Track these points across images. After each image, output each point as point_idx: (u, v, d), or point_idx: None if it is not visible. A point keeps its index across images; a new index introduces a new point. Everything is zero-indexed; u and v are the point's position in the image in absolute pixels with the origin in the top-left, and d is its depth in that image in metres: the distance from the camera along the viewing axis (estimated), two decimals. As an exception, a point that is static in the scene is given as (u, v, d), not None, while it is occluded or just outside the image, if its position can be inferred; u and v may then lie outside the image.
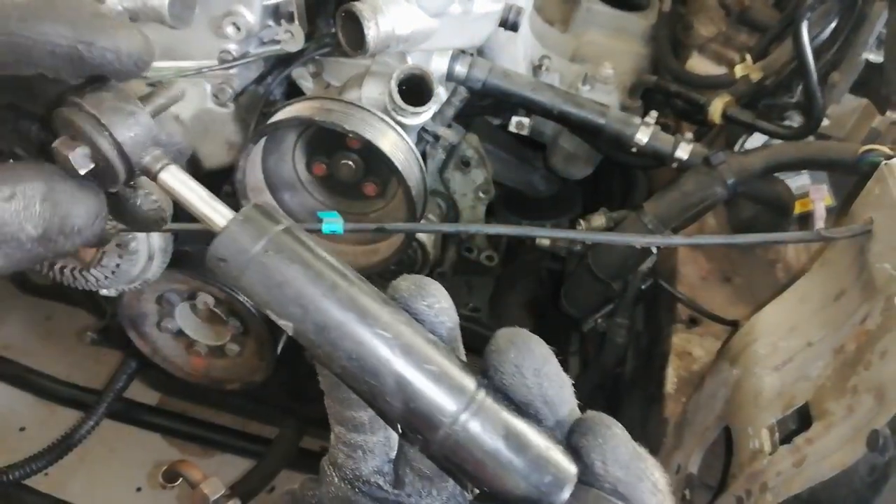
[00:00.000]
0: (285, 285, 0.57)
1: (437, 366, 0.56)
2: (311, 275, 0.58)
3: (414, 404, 0.55)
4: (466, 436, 0.55)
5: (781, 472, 1.17)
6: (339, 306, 0.57)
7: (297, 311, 0.57)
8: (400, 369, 0.55)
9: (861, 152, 1.48)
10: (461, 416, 0.54)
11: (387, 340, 0.56)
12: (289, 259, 0.58)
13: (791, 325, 1.35)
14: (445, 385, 0.55)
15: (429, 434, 0.56)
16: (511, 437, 0.55)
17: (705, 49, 2.41)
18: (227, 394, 2.48)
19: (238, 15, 1.67)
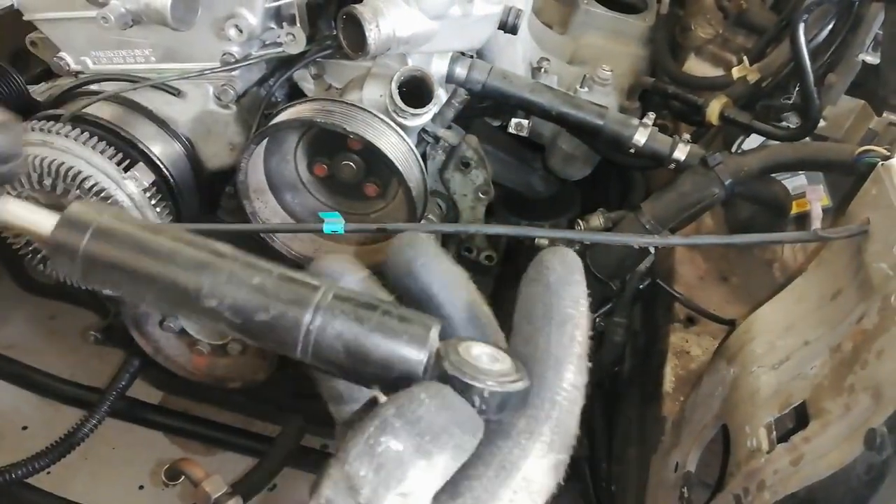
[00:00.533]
0: (118, 266, 0.61)
1: (278, 288, 0.60)
2: (141, 247, 0.61)
3: (265, 327, 0.59)
4: (323, 336, 0.58)
5: (779, 471, 1.18)
6: (170, 264, 0.61)
7: (144, 290, 0.61)
8: (240, 297, 0.59)
9: (858, 153, 1.49)
10: (314, 323, 0.58)
11: (226, 277, 0.60)
12: (115, 243, 0.61)
13: (788, 324, 1.36)
14: (290, 301, 0.59)
15: (292, 350, 0.59)
16: (365, 321, 0.58)
17: (703, 51, 2.42)
18: (229, 392, 2.48)
19: (240, 17, 1.67)
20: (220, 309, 0.60)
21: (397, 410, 0.53)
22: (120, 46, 1.79)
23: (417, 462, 0.52)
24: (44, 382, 2.71)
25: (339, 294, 0.60)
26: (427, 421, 0.53)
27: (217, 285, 0.60)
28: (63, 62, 1.82)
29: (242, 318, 0.60)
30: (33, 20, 1.79)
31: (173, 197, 1.82)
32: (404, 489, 0.52)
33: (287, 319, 0.59)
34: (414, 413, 0.53)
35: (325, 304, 0.59)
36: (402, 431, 0.52)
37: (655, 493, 1.69)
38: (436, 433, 0.53)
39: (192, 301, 0.60)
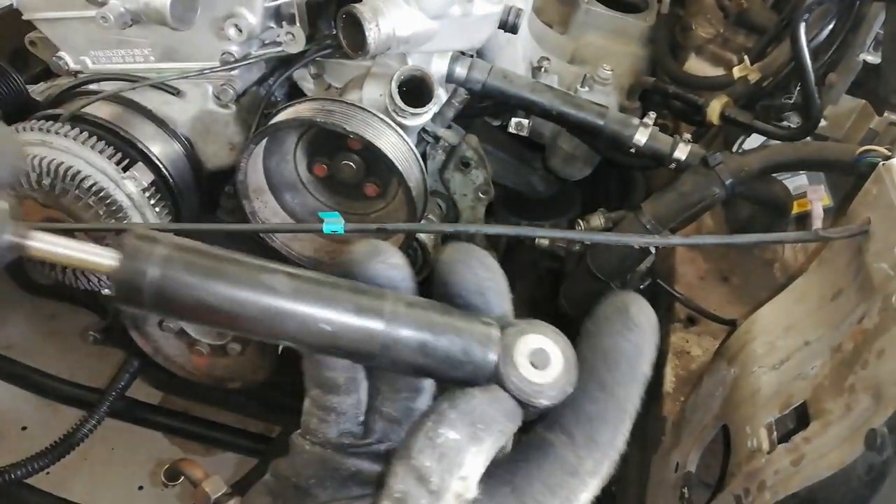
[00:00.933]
0: (194, 298, 0.60)
1: (350, 302, 0.62)
2: (215, 276, 0.60)
3: (345, 340, 0.62)
4: (396, 343, 0.62)
5: (779, 471, 1.18)
6: (246, 289, 0.60)
7: (223, 318, 0.61)
8: (320, 315, 0.61)
9: (859, 153, 1.49)
10: (386, 330, 0.61)
11: (293, 298, 0.61)
12: (189, 271, 0.60)
13: (788, 324, 1.36)
14: (364, 311, 0.61)
15: (369, 358, 0.63)
16: (435, 326, 0.62)
17: (703, 50, 2.42)
18: (228, 392, 2.48)
19: (240, 17, 1.67)
20: (305, 332, 0.62)
21: (451, 404, 0.60)
22: (119, 46, 1.79)
23: (471, 448, 0.59)
24: (43, 382, 2.71)
25: (406, 301, 0.64)
26: (479, 411, 0.60)
27: (304, 309, 0.61)
28: (62, 62, 1.82)
29: (324, 340, 0.62)
30: (32, 19, 1.79)
31: (172, 197, 1.82)
32: (464, 473, 0.58)
33: (362, 331, 0.62)
34: (468, 405, 0.60)
35: (396, 313, 0.62)
36: (458, 422, 0.59)
37: (655, 494, 1.68)
38: (487, 422, 0.60)
39: (276, 326, 0.61)
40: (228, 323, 0.62)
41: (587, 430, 0.65)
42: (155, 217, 1.76)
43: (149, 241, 0.60)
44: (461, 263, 0.69)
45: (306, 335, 0.62)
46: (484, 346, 0.63)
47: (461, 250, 0.69)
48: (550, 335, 0.67)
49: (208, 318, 0.61)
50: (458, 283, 0.68)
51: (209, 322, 0.62)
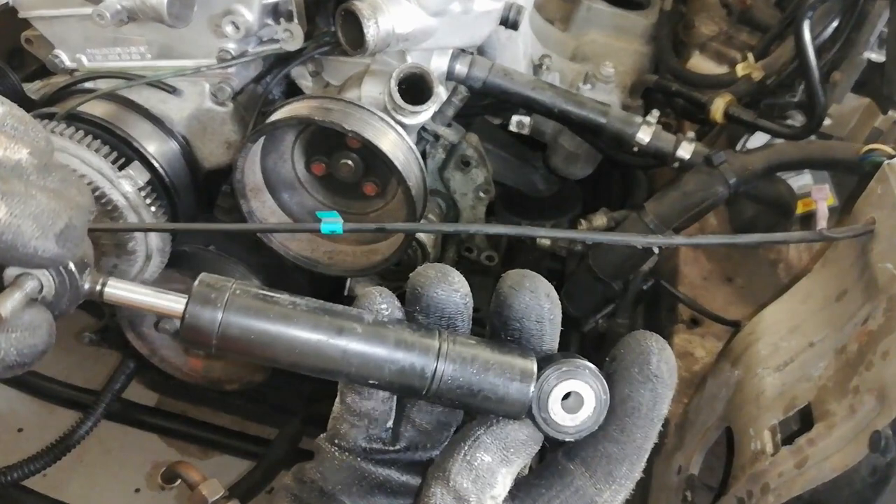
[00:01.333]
0: (260, 336, 0.67)
1: (404, 340, 0.68)
2: (277, 318, 0.68)
3: (398, 378, 0.68)
4: (448, 377, 0.68)
5: (783, 474, 1.17)
6: (312, 332, 0.67)
7: (283, 353, 0.67)
8: (377, 356, 0.67)
9: (863, 152, 1.48)
10: (437, 368, 0.67)
11: (363, 339, 0.68)
12: (253, 314, 0.67)
13: (793, 325, 1.35)
14: (414, 352, 0.68)
15: (420, 392, 0.68)
16: (477, 364, 0.68)
17: (707, 48, 2.41)
18: (225, 394, 2.48)
19: (237, 14, 1.66)
20: (360, 373, 0.69)
21: (486, 430, 0.68)
22: (115, 44, 1.78)
23: (502, 469, 0.67)
24: (39, 384, 2.70)
25: (454, 339, 0.70)
26: (512, 437, 0.68)
27: (356, 354, 0.68)
28: (58, 60, 1.81)
29: (378, 377, 0.69)
30: (29, 17, 1.79)
31: (169, 196, 1.81)
32: (495, 493, 0.66)
33: (415, 369, 0.68)
34: (501, 430, 0.68)
35: (446, 352, 0.68)
36: (492, 446, 0.67)
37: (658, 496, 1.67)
38: (517, 447, 0.68)
39: (334, 368, 0.68)
40: (287, 363, 0.68)
41: (606, 467, 0.70)
42: (151, 217, 1.75)
43: (215, 288, 0.68)
44: (529, 293, 0.71)
45: (360, 375, 0.68)
46: (523, 383, 0.68)
47: (529, 278, 0.72)
48: (588, 379, 0.69)
49: (266, 358, 0.68)
50: (522, 311, 0.71)
51: (268, 361, 0.69)
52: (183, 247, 2.01)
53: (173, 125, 1.82)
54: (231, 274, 2.05)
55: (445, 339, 0.69)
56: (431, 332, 0.70)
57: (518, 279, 0.72)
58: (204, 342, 0.67)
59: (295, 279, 2.11)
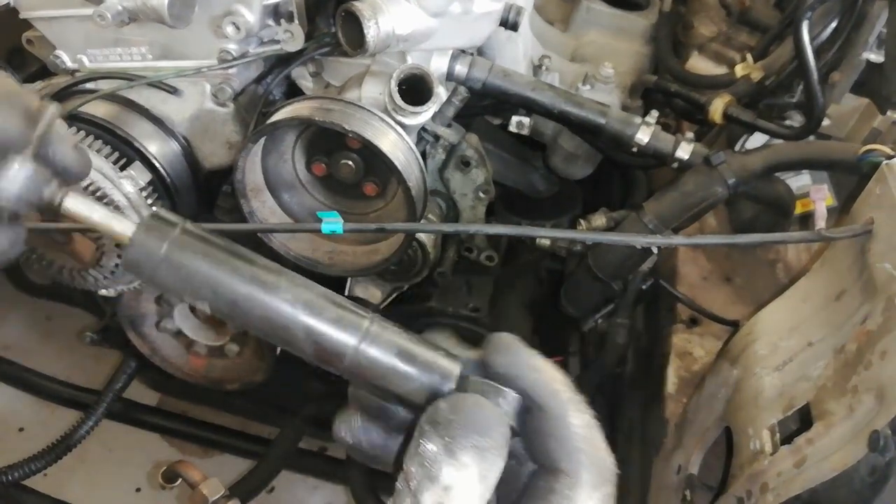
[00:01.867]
0: (193, 275, 0.70)
1: (333, 313, 0.72)
2: (213, 262, 0.71)
3: (320, 345, 0.72)
4: (367, 359, 0.71)
5: (782, 473, 1.17)
6: (243, 283, 0.71)
7: (209, 294, 0.70)
8: (305, 321, 0.71)
9: (862, 152, 1.48)
10: (360, 346, 0.71)
11: (289, 302, 0.71)
12: (191, 253, 0.70)
13: (792, 325, 1.35)
14: (342, 326, 0.71)
15: (338, 364, 0.72)
16: (402, 353, 0.72)
17: (706, 49, 2.41)
18: (226, 394, 2.48)
19: (238, 14, 1.67)
20: (292, 329, 0.72)
21: (427, 418, 0.70)
22: (116, 44, 1.78)
23: (447, 459, 0.67)
24: (40, 384, 2.71)
25: (384, 325, 0.74)
26: (453, 424, 0.69)
27: (288, 308, 0.72)
28: (59, 60, 1.81)
29: (292, 342, 0.73)
30: (29, 18, 1.79)
31: (170, 196, 1.81)
32: (445, 483, 0.67)
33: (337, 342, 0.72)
34: (439, 417, 0.69)
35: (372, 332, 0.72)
36: (433, 435, 0.68)
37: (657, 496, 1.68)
38: (455, 435, 0.68)
39: (260, 318, 0.72)
40: (214, 307, 0.72)
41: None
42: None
43: (165, 221, 0.71)
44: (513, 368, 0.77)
45: (276, 337, 0.73)
46: (444, 380, 0.73)
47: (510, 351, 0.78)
48: (497, 399, 0.74)
49: (193, 297, 0.71)
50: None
51: (194, 300, 0.72)
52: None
53: (174, 125, 1.82)
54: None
55: (374, 319, 0.73)
56: (363, 314, 0.74)
57: None
58: (140, 273, 0.71)
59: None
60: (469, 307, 2.09)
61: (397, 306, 2.13)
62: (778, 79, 2.01)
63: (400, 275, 2.04)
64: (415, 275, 2.02)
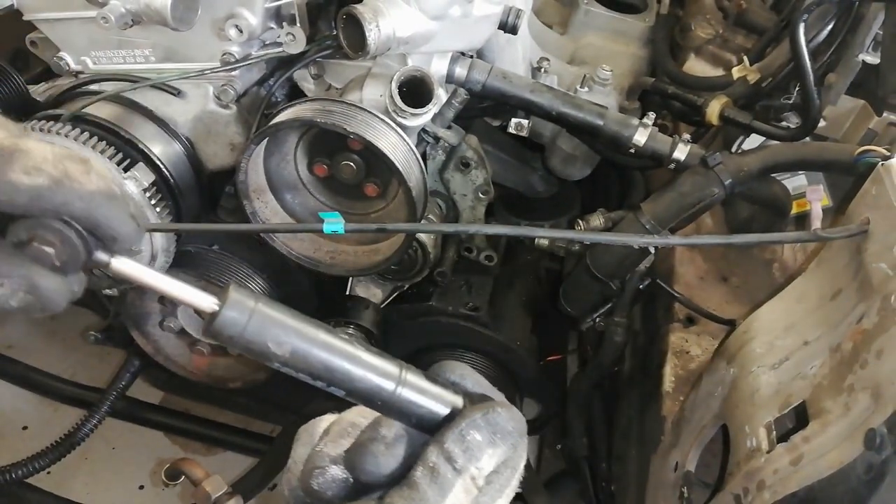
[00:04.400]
0: (272, 341, 0.78)
1: (370, 364, 0.81)
2: (288, 327, 0.79)
3: (359, 389, 0.81)
4: (401, 399, 0.81)
5: (779, 471, 1.18)
6: (308, 341, 0.79)
7: (284, 356, 0.78)
8: (352, 374, 0.81)
9: (858, 153, 1.49)
10: (396, 389, 0.81)
11: (345, 359, 0.81)
12: (270, 324, 0.78)
13: (788, 324, 1.36)
14: (379, 373, 0.81)
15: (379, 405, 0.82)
16: (426, 394, 0.82)
17: (703, 51, 2.43)
18: (229, 392, 2.49)
19: (240, 17, 1.67)
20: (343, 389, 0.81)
21: (482, 415, 0.80)
22: (120, 46, 1.79)
23: (489, 449, 0.79)
24: (44, 382, 2.71)
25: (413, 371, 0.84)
26: (501, 425, 0.81)
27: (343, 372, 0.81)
28: (63, 62, 1.82)
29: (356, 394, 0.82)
30: (33, 20, 1.79)
31: (173, 197, 1.82)
32: (480, 465, 0.79)
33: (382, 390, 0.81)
34: (493, 417, 0.81)
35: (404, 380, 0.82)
36: (486, 430, 0.80)
37: (655, 493, 1.69)
38: (504, 433, 0.81)
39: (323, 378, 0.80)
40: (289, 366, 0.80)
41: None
42: (156, 217, 1.76)
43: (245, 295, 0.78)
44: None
45: (338, 382, 0.81)
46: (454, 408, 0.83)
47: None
48: None
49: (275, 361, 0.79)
50: None
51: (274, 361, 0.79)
52: (187, 247, 2.02)
53: (177, 127, 1.83)
54: (235, 273, 2.07)
55: (404, 367, 0.83)
56: (394, 361, 0.84)
57: None
58: (227, 341, 0.78)
59: (297, 279, 2.13)
60: (469, 306, 2.10)
61: (397, 305, 2.14)
62: (774, 81, 2.02)
63: (400, 274, 2.05)
64: (415, 274, 2.04)
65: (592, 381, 2.16)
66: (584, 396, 2.19)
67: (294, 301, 2.19)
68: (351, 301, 2.10)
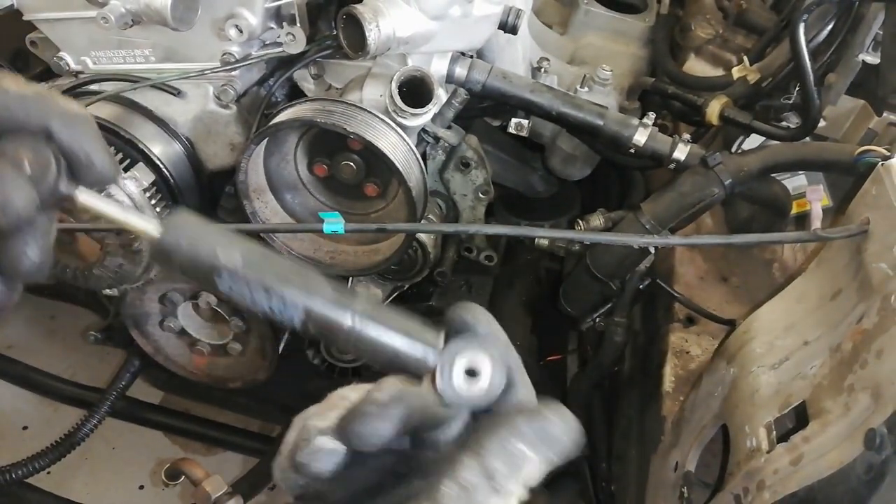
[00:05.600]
0: (221, 249, 0.73)
1: (328, 295, 0.74)
2: (234, 239, 0.75)
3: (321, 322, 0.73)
4: (362, 333, 0.73)
5: (778, 471, 1.18)
6: (257, 252, 0.75)
7: (234, 266, 0.73)
8: (308, 304, 0.73)
9: (857, 153, 1.49)
10: (356, 323, 0.73)
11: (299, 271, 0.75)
12: (216, 234, 0.75)
13: (788, 324, 1.36)
14: (338, 306, 0.73)
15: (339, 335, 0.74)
16: (393, 328, 0.74)
17: (703, 51, 2.42)
18: (229, 392, 2.49)
19: (240, 17, 1.67)
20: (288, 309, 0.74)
21: (528, 423, 0.69)
22: (120, 46, 1.79)
23: (534, 459, 0.68)
24: (44, 382, 2.71)
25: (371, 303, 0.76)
26: (550, 435, 0.69)
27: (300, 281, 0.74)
28: (63, 62, 1.82)
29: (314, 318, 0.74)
30: (33, 20, 1.79)
31: (173, 197, 1.82)
32: (525, 482, 0.68)
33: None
34: (540, 423, 0.69)
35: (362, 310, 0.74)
36: (532, 439, 0.68)
37: (655, 493, 1.69)
38: (551, 440, 0.69)
39: (269, 296, 0.73)
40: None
41: None
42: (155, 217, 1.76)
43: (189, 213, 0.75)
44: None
45: (293, 299, 0.74)
46: (427, 346, 0.75)
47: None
48: (489, 350, 0.75)
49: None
50: None
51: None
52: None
53: (177, 127, 1.83)
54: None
55: (363, 300, 0.75)
56: (352, 293, 0.76)
57: None
58: (168, 264, 0.74)
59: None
60: (469, 306, 2.09)
61: (397, 305, 2.14)
62: (774, 80, 2.02)
63: (400, 274, 2.05)
64: (415, 274, 2.04)
65: (592, 381, 2.16)
66: (584, 396, 2.19)
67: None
68: (351, 301, 2.10)
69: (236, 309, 2.14)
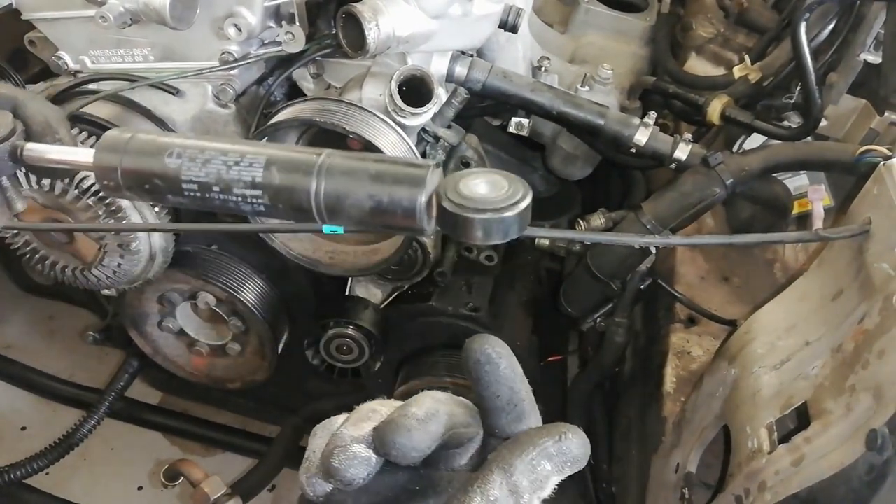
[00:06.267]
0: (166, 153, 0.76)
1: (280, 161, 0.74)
2: (175, 138, 0.77)
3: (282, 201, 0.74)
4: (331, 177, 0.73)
5: (780, 472, 1.18)
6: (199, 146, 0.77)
7: (182, 162, 0.76)
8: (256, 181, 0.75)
9: (859, 153, 1.49)
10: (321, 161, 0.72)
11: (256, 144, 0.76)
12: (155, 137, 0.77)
13: (789, 324, 1.36)
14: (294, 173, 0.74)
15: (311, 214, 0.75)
16: (360, 175, 0.74)
17: (704, 50, 2.42)
18: (228, 393, 2.49)
19: (239, 16, 1.67)
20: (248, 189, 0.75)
21: (555, 443, 0.73)
22: (118, 45, 1.79)
23: (556, 477, 0.73)
24: (43, 383, 2.71)
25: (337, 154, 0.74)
26: (574, 453, 0.73)
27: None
28: (61, 61, 1.82)
29: (265, 192, 0.74)
30: (32, 19, 1.79)
31: (172, 196, 1.81)
32: (543, 495, 0.72)
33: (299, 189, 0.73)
34: (566, 446, 0.73)
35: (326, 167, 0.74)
36: (556, 458, 0.72)
37: (656, 494, 1.69)
38: (574, 461, 0.73)
39: (223, 186, 0.75)
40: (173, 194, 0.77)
41: None
42: (154, 217, 1.76)
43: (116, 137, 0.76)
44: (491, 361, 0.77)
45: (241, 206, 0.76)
46: (413, 188, 0.74)
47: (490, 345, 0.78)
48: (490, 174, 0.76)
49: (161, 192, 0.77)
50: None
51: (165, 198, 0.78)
52: (186, 247, 2.02)
53: (176, 126, 1.82)
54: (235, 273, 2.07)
55: (327, 155, 0.74)
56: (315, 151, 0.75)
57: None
58: (112, 185, 0.77)
59: (296, 279, 2.13)
60: (469, 307, 2.09)
61: (397, 305, 2.14)
62: (776, 80, 2.02)
63: (400, 274, 2.04)
64: (415, 274, 2.03)
65: (593, 381, 2.15)
66: (584, 397, 2.19)
67: (293, 301, 2.19)
68: (350, 301, 2.10)
69: (235, 310, 2.14)
